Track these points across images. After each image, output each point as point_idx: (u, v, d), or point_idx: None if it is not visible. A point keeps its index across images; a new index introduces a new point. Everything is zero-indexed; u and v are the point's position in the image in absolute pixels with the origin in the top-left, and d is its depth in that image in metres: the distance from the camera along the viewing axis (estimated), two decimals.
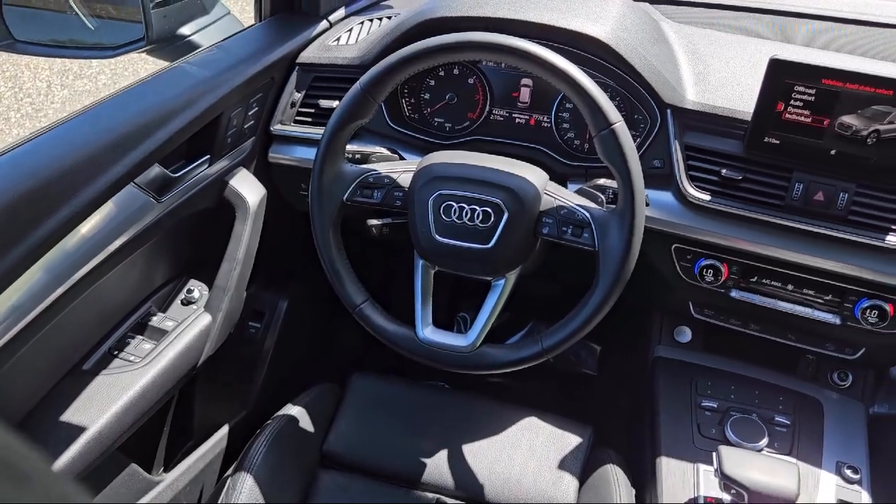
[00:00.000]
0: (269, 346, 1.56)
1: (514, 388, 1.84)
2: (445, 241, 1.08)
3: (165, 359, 1.18)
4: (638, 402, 1.46)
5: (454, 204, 1.07)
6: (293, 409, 1.30)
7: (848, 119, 1.08)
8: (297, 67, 1.39)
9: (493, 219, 1.06)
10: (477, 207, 1.06)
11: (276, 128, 1.39)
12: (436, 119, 1.38)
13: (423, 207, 1.08)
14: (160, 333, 1.22)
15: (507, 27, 1.20)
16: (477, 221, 1.06)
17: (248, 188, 1.33)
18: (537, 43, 1.01)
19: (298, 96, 1.38)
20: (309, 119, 1.38)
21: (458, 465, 1.24)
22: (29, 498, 0.28)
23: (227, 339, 1.34)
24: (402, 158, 1.31)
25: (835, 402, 1.30)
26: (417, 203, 1.09)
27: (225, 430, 1.44)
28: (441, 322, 1.13)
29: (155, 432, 1.35)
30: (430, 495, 1.22)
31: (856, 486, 1.16)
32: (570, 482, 1.21)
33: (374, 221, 1.25)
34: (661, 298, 1.38)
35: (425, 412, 1.33)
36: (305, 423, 1.29)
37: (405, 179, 1.12)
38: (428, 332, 1.11)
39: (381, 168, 1.14)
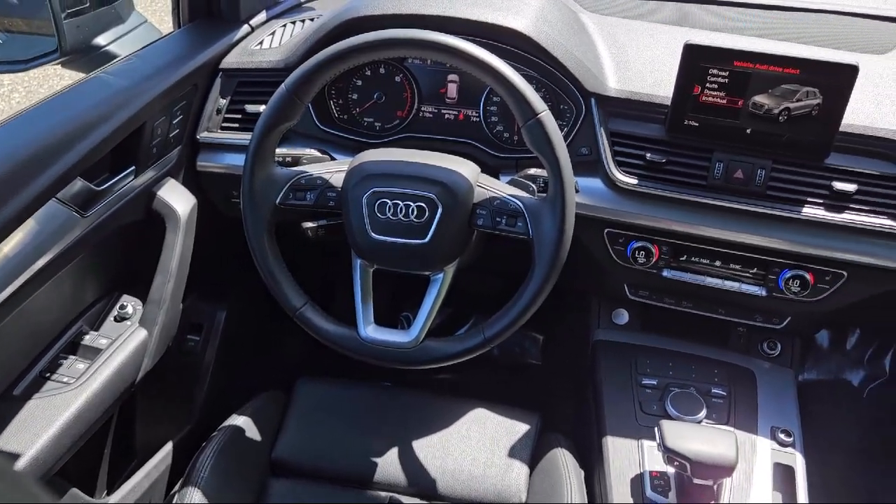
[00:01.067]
0: (209, 358, 1.53)
1: (460, 383, 1.85)
2: (382, 238, 1.08)
3: (101, 378, 1.15)
4: (582, 385, 1.49)
5: (388, 201, 1.07)
6: (238, 420, 1.28)
7: (760, 98, 1.13)
8: (220, 73, 1.37)
9: (427, 213, 1.06)
10: (411, 203, 1.07)
11: (203, 135, 1.37)
12: (365, 119, 1.38)
13: (358, 206, 1.08)
14: (94, 352, 1.19)
15: (430, 24, 1.21)
16: (412, 217, 1.07)
17: (178, 198, 1.30)
18: (461, 38, 1.02)
19: (223, 102, 1.36)
20: (236, 125, 1.36)
21: (409, 462, 1.25)
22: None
23: (166, 354, 1.31)
24: (333, 159, 1.30)
25: (766, 370, 1.36)
26: (351, 202, 1.09)
27: (169, 446, 1.41)
28: (385, 323, 1.13)
29: (95, 454, 1.31)
30: (384, 494, 1.22)
31: (789, 449, 1.22)
32: (520, 469, 1.23)
33: (308, 224, 1.24)
34: (597, 283, 1.42)
35: (373, 412, 1.33)
36: (252, 432, 1.27)
37: (338, 179, 1.11)
38: (370, 330, 1.11)
39: (313, 169, 1.13)
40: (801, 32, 1.44)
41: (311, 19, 1.47)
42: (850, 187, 1.15)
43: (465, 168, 1.09)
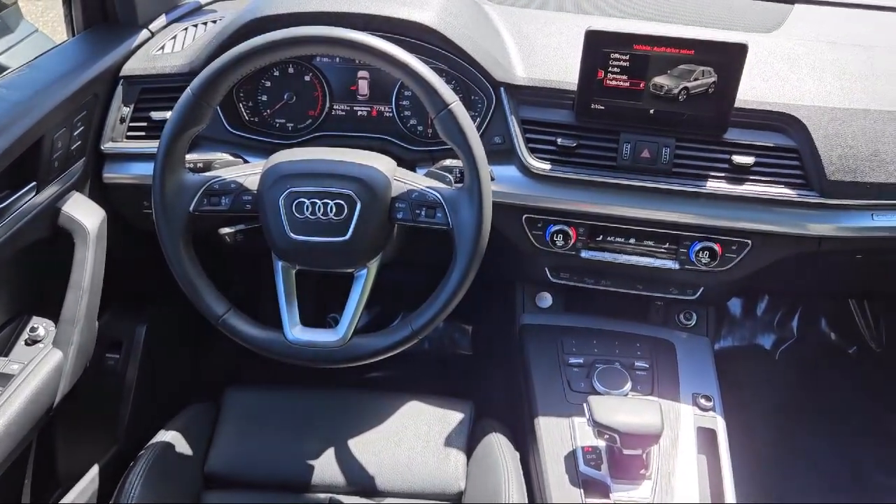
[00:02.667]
0: (131, 376, 1.48)
1: (393, 379, 1.85)
2: (302, 238, 1.07)
3: (15, 405, 1.09)
4: (512, 370, 1.52)
5: (306, 200, 1.06)
6: (167, 435, 1.25)
7: (660, 80, 1.18)
8: (121, 81, 1.33)
9: (346, 210, 1.06)
10: (329, 201, 1.06)
11: (108, 146, 1.32)
12: (276, 120, 1.36)
13: (275, 208, 1.07)
14: (5, 379, 1.13)
15: (335, 20, 1.21)
16: (331, 215, 1.06)
17: (85, 212, 1.25)
18: (367, 34, 1.02)
19: (127, 111, 1.32)
20: (142, 133, 1.32)
21: (346, 461, 1.24)
22: None
23: (84, 375, 1.26)
24: (246, 162, 1.28)
25: (684, 340, 1.42)
26: (268, 204, 1.07)
27: (95, 470, 1.36)
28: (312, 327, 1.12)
29: (15, 485, 1.25)
30: (323, 496, 1.21)
31: (710, 413, 1.28)
32: (457, 457, 1.25)
33: (226, 230, 1.22)
34: (520, 269, 1.44)
35: (306, 415, 1.31)
36: (182, 446, 1.24)
37: (252, 182, 1.10)
38: (296, 332, 1.10)
39: (226, 174, 1.11)
40: (695, 15, 1.51)
41: (214, 21, 1.44)
42: (749, 160, 1.21)
43: (382, 163, 1.10)
